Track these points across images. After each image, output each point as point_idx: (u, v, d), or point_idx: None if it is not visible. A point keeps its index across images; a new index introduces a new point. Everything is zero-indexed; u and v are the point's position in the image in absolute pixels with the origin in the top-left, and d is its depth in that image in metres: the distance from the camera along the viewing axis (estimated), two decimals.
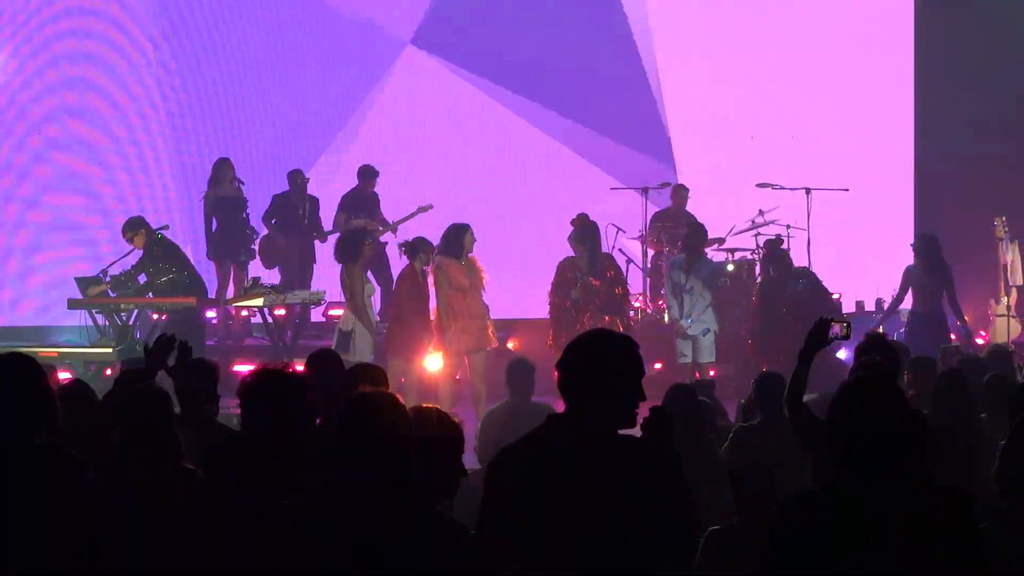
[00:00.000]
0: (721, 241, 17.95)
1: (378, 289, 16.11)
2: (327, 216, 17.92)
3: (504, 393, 10.72)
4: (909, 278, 15.36)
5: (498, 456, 4.93)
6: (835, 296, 16.52)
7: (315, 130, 20.31)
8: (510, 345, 16.14)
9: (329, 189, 18.48)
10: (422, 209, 17.68)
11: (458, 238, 14.10)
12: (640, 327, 16.96)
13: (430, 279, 14.13)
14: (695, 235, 15.23)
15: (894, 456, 4.45)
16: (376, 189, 17.93)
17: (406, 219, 17.70)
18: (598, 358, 4.85)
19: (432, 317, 14.05)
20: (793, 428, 6.75)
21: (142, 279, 15.61)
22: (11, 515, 5.20)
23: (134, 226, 15.51)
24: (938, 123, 20.40)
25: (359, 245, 14.28)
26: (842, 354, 13.38)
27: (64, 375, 12.75)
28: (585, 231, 14.50)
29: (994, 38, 19.92)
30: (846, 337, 6.91)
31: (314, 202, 17.96)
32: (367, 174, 17.94)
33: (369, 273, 15.43)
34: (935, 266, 15.08)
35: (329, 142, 20.38)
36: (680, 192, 18.37)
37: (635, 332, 14.75)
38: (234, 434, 6.05)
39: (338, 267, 14.50)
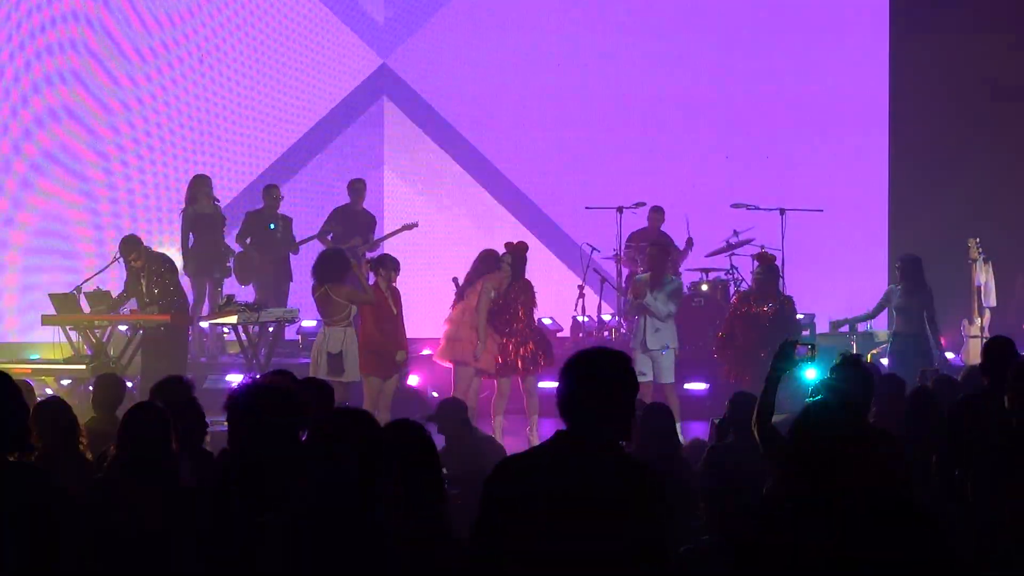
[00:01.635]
0: (690, 244, 18.03)
1: None
2: (300, 234, 17.92)
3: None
4: (889, 299, 15.43)
5: (500, 466, 4.99)
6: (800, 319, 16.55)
7: (288, 145, 20.32)
8: None
9: (306, 205, 18.50)
10: (407, 227, 17.66)
11: (498, 261, 14.29)
12: (615, 347, 16.98)
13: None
14: (659, 253, 15.22)
15: (847, 472, 4.58)
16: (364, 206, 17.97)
17: (389, 236, 17.68)
18: (597, 375, 4.89)
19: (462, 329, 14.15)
20: (763, 449, 6.78)
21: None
22: None
23: (137, 245, 15.40)
24: (912, 145, 20.46)
25: (345, 265, 14.21)
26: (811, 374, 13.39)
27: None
28: (523, 260, 14.57)
29: (968, 60, 19.99)
30: (812, 359, 6.93)
31: (287, 220, 17.93)
32: (352, 188, 17.93)
33: None
34: (916, 288, 15.17)
35: (302, 157, 20.37)
36: (656, 213, 18.38)
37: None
38: (225, 450, 6.13)
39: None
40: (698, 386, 16.47)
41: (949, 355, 17.47)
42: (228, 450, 5.96)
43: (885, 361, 15.01)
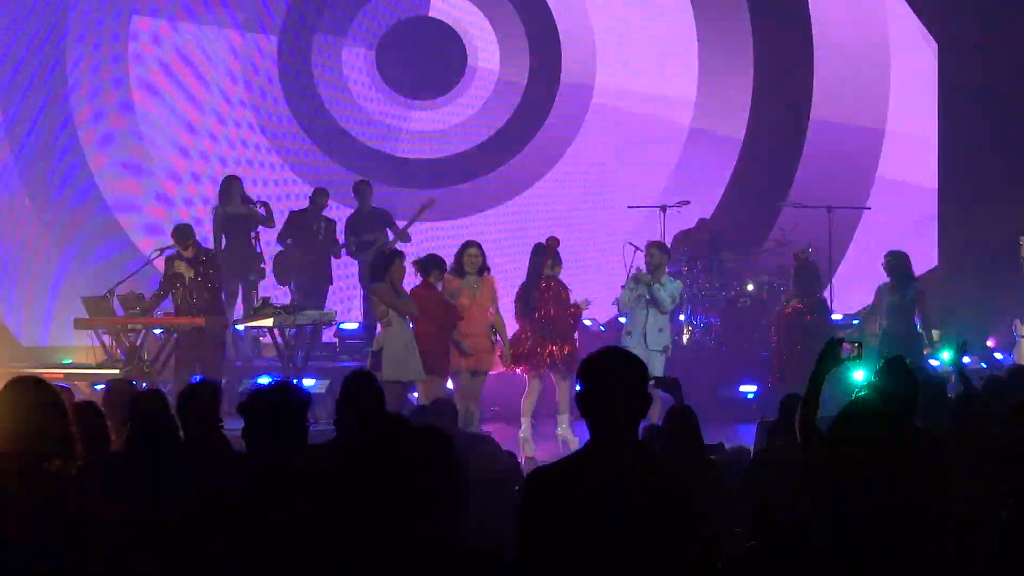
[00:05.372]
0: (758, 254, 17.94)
1: None
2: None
3: (488, 416, 10.73)
4: (881, 296, 15.21)
5: (534, 475, 4.98)
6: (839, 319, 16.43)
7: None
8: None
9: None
10: (425, 207, 17.51)
11: (458, 256, 14.22)
12: None
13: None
14: (664, 251, 14.83)
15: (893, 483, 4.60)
16: (386, 205, 17.81)
17: (413, 221, 17.54)
18: (613, 374, 4.90)
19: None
20: (803, 451, 6.61)
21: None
22: (17, 542, 5.20)
23: (192, 234, 15.27)
24: (962, 142, 20.13)
25: (384, 263, 14.03)
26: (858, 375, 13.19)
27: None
28: (558, 258, 14.46)
29: (1019, 58, 19.65)
30: (858, 358, 6.75)
31: (331, 224, 17.83)
32: (358, 190, 17.86)
33: None
34: (904, 284, 14.93)
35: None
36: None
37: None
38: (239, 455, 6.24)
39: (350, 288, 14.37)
40: (748, 388, 16.45)
41: (998, 356, 17.26)
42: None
43: None
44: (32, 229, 18.53)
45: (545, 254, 14.35)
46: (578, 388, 4.95)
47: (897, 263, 15.05)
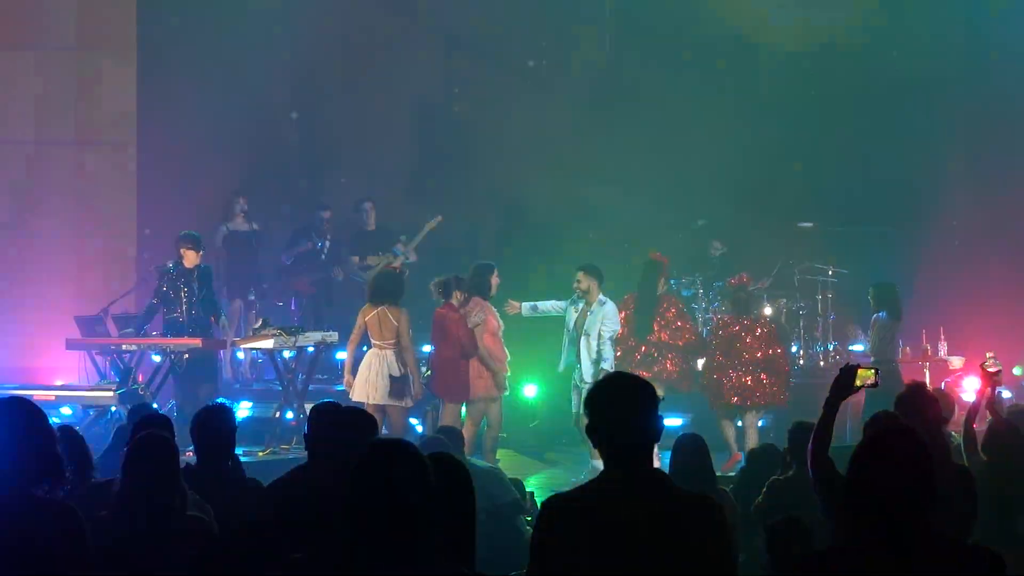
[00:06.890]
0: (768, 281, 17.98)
1: None
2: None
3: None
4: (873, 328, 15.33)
5: (549, 504, 4.88)
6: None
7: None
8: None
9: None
10: (431, 225, 17.26)
11: (485, 279, 13.82)
12: None
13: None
14: (591, 275, 14.28)
15: (914, 513, 4.45)
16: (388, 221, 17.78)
17: (418, 240, 17.32)
18: (622, 405, 4.82)
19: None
20: (812, 480, 6.40)
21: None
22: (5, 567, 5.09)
23: (201, 244, 14.89)
24: (969, 171, 19.82)
25: (402, 286, 13.71)
26: None
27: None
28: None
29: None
30: (874, 385, 6.45)
31: (336, 241, 17.82)
32: (360, 208, 17.84)
33: None
34: (893, 315, 15.08)
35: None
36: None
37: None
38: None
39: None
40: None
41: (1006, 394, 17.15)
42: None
43: None
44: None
45: (659, 271, 14.25)
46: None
47: (884, 295, 15.15)
